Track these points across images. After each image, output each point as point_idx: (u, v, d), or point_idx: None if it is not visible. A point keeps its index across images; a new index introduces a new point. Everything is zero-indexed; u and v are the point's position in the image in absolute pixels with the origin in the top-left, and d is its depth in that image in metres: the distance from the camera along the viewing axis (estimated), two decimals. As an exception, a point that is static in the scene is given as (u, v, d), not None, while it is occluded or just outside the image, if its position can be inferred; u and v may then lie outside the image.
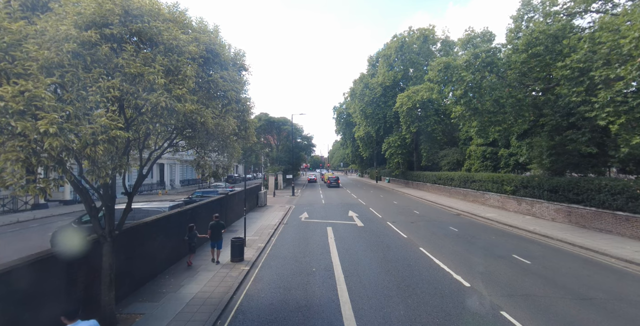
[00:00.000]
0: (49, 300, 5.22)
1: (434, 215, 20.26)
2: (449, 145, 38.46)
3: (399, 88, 42.70)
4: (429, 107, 37.74)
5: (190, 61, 4.80)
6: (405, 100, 36.46)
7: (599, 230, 13.77)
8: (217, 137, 5.91)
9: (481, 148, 27.92)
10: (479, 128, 16.79)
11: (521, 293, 7.77)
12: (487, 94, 16.04)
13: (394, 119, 41.34)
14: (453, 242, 13.08)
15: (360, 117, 45.00)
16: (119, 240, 6.86)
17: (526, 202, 18.59)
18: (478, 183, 23.95)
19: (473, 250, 11.91)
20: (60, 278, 5.68)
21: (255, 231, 15.36)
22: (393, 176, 47.57)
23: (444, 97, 39.58)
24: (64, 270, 5.78)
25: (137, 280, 8.27)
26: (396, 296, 7.66)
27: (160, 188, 40.19)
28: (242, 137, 7.30)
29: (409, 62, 41.37)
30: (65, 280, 5.78)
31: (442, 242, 13.02)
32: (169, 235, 10.03)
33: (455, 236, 14.29)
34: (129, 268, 7.85)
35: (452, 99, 16.88)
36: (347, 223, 17.36)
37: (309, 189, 44.01)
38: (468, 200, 25.73)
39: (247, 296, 7.87)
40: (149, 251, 8.93)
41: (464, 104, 16.30)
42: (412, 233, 14.61)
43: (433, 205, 25.57)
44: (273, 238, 14.12)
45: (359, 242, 13.17)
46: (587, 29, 15.88)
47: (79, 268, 6.14)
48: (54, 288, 5.49)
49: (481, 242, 13.12)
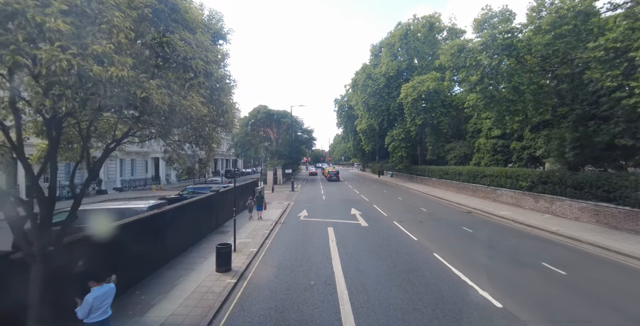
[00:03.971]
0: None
1: (443, 213, 18.78)
2: (456, 138, 36.81)
3: (403, 78, 40.83)
4: (435, 98, 35.94)
5: (125, 8, 3.26)
6: (410, 90, 34.70)
7: (635, 232, 12.25)
8: (180, 122, 4.40)
9: (491, 141, 26.29)
10: (496, 119, 15.15)
11: (569, 318, 6.29)
12: (505, 80, 14.38)
13: (397, 111, 39.63)
14: (469, 246, 11.61)
15: (362, 109, 43.25)
16: (60, 257, 5.35)
17: (545, 199, 17.06)
18: (489, 178, 22.41)
19: (494, 256, 10.43)
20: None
21: (249, 232, 13.91)
22: (396, 170, 46.04)
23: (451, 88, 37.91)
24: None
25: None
26: (413, 322, 6.19)
27: (155, 183, 38.80)
28: (220, 124, 5.77)
29: (414, 51, 39.41)
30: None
31: (458, 246, 11.54)
32: (142, 242, 8.56)
33: (470, 238, 12.82)
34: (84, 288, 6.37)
35: (466, 87, 15.23)
36: (350, 222, 15.90)
37: (309, 184, 42.56)
38: (478, 196, 24.22)
39: (230, 320, 6.43)
40: (115, 263, 7.46)
41: (479, 92, 14.65)
42: (423, 235, 13.14)
43: (441, 201, 24.07)
44: (268, 240, 12.66)
45: (363, 246, 11.71)
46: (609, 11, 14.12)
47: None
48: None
49: (501, 246, 11.64)
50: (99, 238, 6.86)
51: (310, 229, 14.56)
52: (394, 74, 39.70)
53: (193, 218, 11.67)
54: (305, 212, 19.08)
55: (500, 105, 14.63)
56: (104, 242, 6.95)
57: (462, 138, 35.22)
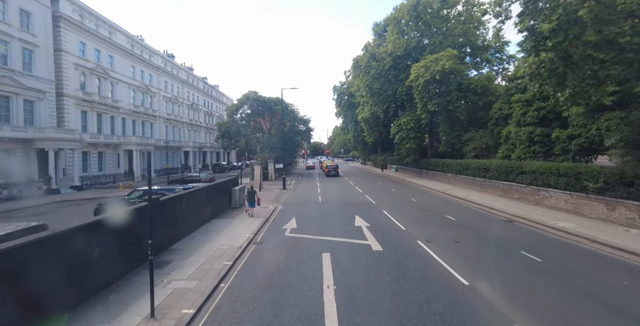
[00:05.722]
0: None
1: (478, 223, 13.99)
2: (473, 127, 31.82)
3: (412, 59, 35.54)
4: (451, 80, 30.86)
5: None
6: (421, 71, 29.58)
7: None
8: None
9: (526, 129, 21.30)
10: (574, 90, 10.13)
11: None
12: (590, 29, 9.33)
13: (405, 97, 34.52)
14: (557, 295, 6.82)
15: (365, 94, 38.02)
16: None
17: (626, 206, 12.23)
18: (530, 176, 17.56)
19: (611, 323, 5.64)
20: None
21: (203, 263, 9.08)
22: (402, 164, 41.11)
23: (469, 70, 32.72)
24: None
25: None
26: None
27: (128, 179, 33.88)
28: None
29: (425, 26, 34.05)
30: None
31: (539, 296, 6.73)
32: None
33: (547, 275, 8.02)
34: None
35: (528, 43, 10.18)
36: (355, 243, 11.06)
37: (304, 180, 37.71)
38: (512, 197, 19.41)
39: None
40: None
41: (551, 49, 9.60)
42: (472, 270, 8.32)
43: (465, 204, 19.25)
44: (223, 284, 7.82)
45: (381, 296, 6.88)
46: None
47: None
48: None
49: (607, 295, 6.83)
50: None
51: (296, 256, 9.72)
52: (401, 53, 34.46)
53: (82, 257, 6.74)
54: (293, 223, 14.25)
55: (581, 70, 9.66)
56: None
57: (483, 127, 30.24)
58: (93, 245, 6.92)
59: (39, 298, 5.48)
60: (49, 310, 5.58)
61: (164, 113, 46.40)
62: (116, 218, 7.57)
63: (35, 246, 5.51)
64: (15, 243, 5.27)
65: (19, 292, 5.14)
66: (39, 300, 5.46)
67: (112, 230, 7.47)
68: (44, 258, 5.66)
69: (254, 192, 15.94)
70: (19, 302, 5.09)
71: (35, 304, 5.34)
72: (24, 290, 5.24)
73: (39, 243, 5.60)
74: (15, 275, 5.17)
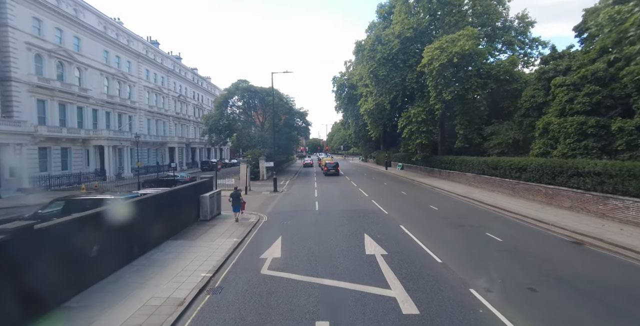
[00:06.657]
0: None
1: (541, 249, 9.79)
2: (495, 119, 27.57)
3: (424, 41, 31.11)
4: (470, 64, 26.56)
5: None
6: (436, 53, 25.21)
7: None
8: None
9: (574, 119, 17.00)
10: None
11: None
12: None
13: (416, 85, 30.19)
14: None
15: (370, 83, 33.58)
16: None
17: None
18: (592, 179, 13.37)
19: None
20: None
21: None
22: (410, 162, 36.84)
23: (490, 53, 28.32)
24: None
25: None
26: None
27: (99, 179, 29.54)
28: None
29: (438, 3, 29.60)
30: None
31: None
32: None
33: None
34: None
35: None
36: (370, 293, 6.83)
37: (300, 180, 33.50)
38: (560, 205, 15.23)
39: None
40: None
41: None
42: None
43: (501, 213, 15.04)
44: None
45: None
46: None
47: None
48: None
49: None
50: None
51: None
52: (411, 34, 29.98)
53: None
54: (277, 247, 10.02)
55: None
56: None
57: (507, 119, 25.97)
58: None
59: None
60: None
61: (145, 105, 41.92)
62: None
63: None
64: None
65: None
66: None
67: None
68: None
69: (239, 194, 13.66)
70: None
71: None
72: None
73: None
74: None
